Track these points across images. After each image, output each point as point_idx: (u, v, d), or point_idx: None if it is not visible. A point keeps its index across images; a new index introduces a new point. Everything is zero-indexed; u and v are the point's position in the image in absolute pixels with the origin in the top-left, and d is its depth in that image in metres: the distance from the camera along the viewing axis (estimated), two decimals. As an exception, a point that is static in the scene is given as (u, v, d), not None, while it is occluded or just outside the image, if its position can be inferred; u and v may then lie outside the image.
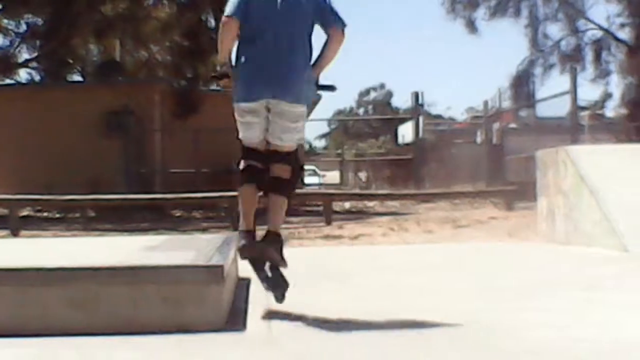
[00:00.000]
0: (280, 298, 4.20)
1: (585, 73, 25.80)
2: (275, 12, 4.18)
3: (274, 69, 4.15)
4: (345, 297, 5.07)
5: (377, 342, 3.69)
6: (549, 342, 3.60)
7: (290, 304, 4.68)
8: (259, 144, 4.30)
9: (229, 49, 4.29)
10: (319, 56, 4.30)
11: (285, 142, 4.25)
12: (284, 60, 4.16)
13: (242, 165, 4.32)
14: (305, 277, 5.93)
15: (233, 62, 4.32)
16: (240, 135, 4.34)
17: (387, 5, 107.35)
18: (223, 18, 4.24)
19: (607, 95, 34.79)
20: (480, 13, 26.41)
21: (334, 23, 4.23)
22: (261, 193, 4.30)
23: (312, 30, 4.27)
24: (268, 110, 4.19)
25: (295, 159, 4.34)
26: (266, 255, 4.20)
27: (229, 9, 4.22)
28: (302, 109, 4.23)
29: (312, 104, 4.36)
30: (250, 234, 4.21)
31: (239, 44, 4.28)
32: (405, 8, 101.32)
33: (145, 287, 3.90)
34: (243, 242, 4.18)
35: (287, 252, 4.32)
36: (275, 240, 4.17)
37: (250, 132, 4.29)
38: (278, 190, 4.24)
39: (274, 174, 4.25)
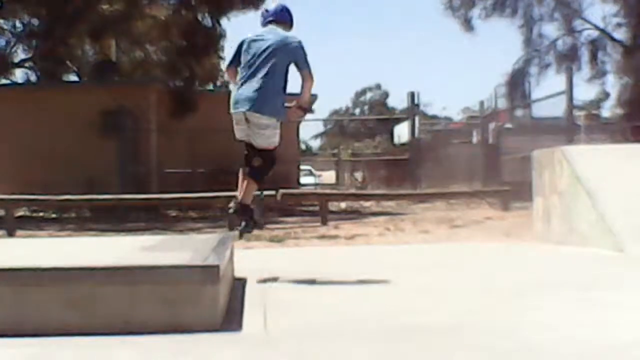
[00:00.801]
0: (240, 236, 6.11)
1: (581, 73, 25.91)
2: (258, 55, 5.82)
3: (251, 90, 5.75)
4: (342, 296, 5.06)
5: (376, 342, 3.69)
6: (546, 342, 3.61)
7: (286, 303, 4.68)
8: (245, 139, 5.98)
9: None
10: (301, 91, 5.92)
11: (259, 144, 5.86)
12: (259, 86, 5.74)
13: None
14: (301, 277, 5.93)
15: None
16: None
17: (383, 5, 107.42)
18: (226, 66, 6.26)
19: (604, 95, 34.84)
20: (476, 12, 26.47)
21: (304, 68, 5.85)
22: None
23: (286, 69, 5.83)
24: (247, 120, 5.80)
25: (269, 155, 5.90)
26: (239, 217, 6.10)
27: (228, 59, 6.14)
28: (267, 121, 5.78)
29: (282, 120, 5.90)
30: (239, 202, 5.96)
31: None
32: (401, 8, 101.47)
33: (141, 287, 3.90)
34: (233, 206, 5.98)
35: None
36: (243, 209, 5.96)
37: (237, 132, 5.97)
38: (250, 175, 5.91)
39: (251, 163, 5.92)
